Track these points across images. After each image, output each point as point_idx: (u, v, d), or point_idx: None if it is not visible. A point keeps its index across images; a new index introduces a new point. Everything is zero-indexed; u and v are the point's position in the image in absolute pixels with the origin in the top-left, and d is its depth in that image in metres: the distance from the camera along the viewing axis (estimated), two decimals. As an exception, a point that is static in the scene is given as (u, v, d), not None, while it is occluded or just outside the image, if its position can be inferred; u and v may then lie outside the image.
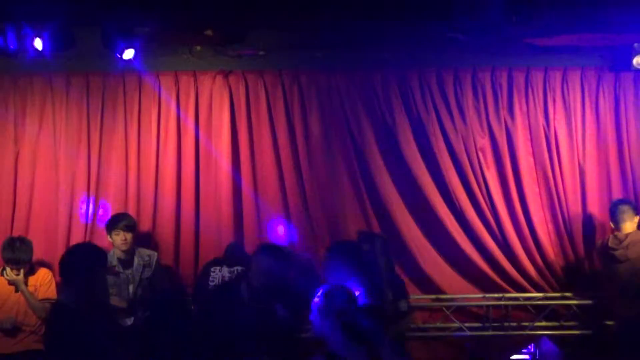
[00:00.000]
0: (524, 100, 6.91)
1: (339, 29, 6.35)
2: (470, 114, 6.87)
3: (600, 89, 6.93)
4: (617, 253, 6.31)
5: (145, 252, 6.37)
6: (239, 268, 6.02)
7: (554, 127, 6.90)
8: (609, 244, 6.38)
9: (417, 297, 6.85)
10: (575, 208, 6.86)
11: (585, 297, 6.83)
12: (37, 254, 6.32)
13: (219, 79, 6.82)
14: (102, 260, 4.80)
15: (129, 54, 6.22)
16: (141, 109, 6.78)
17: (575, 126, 6.91)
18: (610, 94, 6.94)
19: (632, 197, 6.83)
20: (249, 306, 5.01)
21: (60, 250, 6.55)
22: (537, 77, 6.92)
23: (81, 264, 4.61)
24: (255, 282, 5.11)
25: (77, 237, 6.60)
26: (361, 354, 3.88)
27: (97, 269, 4.69)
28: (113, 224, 6.23)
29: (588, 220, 6.86)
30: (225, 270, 6.08)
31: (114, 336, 4.77)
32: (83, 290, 4.60)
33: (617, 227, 6.44)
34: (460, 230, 6.83)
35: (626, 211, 6.42)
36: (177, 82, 6.81)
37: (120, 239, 6.16)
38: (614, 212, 6.50)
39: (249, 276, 5.23)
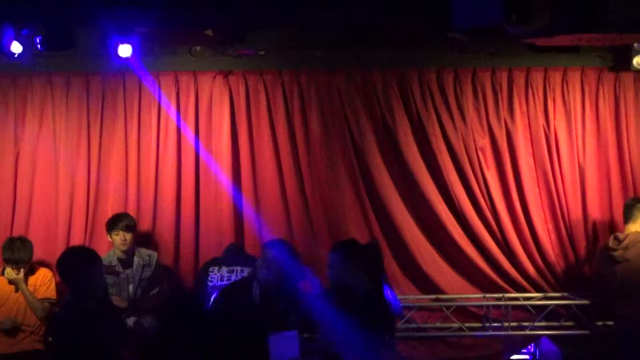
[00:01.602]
0: (524, 100, 6.90)
1: (339, 29, 6.34)
2: (470, 114, 6.87)
3: (600, 89, 6.92)
4: (616, 254, 6.29)
5: (145, 252, 6.38)
6: (239, 268, 6.02)
7: (554, 127, 6.89)
8: (609, 245, 6.36)
9: (417, 297, 6.86)
10: (575, 208, 6.85)
11: (585, 297, 6.82)
12: (37, 254, 6.33)
13: (219, 79, 6.82)
14: (92, 259, 4.82)
15: (126, 51, 6.17)
16: (141, 109, 6.78)
17: (575, 126, 6.90)
18: (610, 94, 6.94)
19: (632, 196, 6.83)
20: (259, 306, 4.98)
21: (60, 250, 6.54)
22: (537, 77, 6.91)
23: (71, 266, 4.68)
24: (262, 275, 5.04)
25: (77, 237, 6.62)
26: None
27: (87, 268, 4.72)
28: (113, 224, 6.23)
29: (588, 220, 6.86)
30: (224, 270, 6.08)
31: (119, 334, 4.80)
32: (84, 290, 4.63)
33: (624, 226, 6.42)
34: (460, 230, 6.83)
35: (634, 212, 6.38)
36: (177, 82, 6.81)
37: (120, 239, 6.16)
38: (624, 210, 6.47)
39: (257, 273, 5.18)
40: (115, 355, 4.74)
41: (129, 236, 6.19)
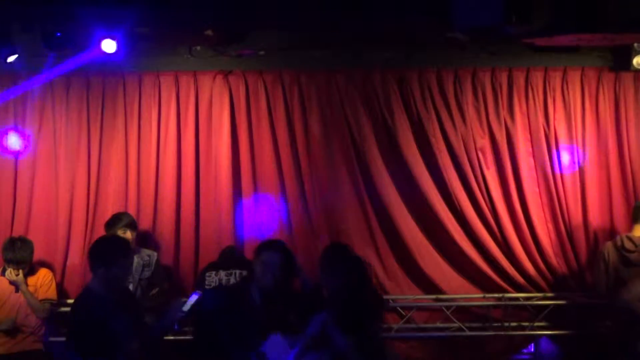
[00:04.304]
0: (524, 100, 6.91)
1: (339, 29, 6.35)
2: (470, 114, 6.87)
3: (600, 89, 6.92)
4: (632, 256, 6.15)
5: (145, 252, 6.37)
6: (237, 271, 6.00)
7: (554, 127, 6.90)
8: (625, 246, 6.20)
9: (417, 297, 6.87)
10: (575, 208, 6.85)
11: (585, 297, 6.81)
12: (37, 254, 6.32)
13: (219, 79, 6.83)
14: (124, 250, 4.82)
15: (110, 46, 6.07)
16: (141, 109, 6.79)
17: (575, 126, 6.90)
18: (610, 94, 6.94)
19: (632, 197, 6.83)
20: (261, 310, 4.93)
21: (60, 250, 6.62)
22: (537, 77, 6.91)
23: (103, 255, 4.66)
24: (263, 279, 4.97)
25: (77, 237, 6.63)
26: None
27: (118, 259, 4.71)
28: (118, 222, 6.19)
29: (588, 220, 6.85)
30: (222, 273, 6.05)
31: (136, 325, 4.78)
32: (107, 280, 4.63)
33: (632, 226, 6.30)
34: (460, 230, 6.83)
35: None
36: (177, 82, 6.82)
37: (128, 237, 6.15)
38: (633, 211, 6.37)
39: (256, 278, 5.13)
40: (126, 347, 4.71)
41: (134, 234, 6.20)
